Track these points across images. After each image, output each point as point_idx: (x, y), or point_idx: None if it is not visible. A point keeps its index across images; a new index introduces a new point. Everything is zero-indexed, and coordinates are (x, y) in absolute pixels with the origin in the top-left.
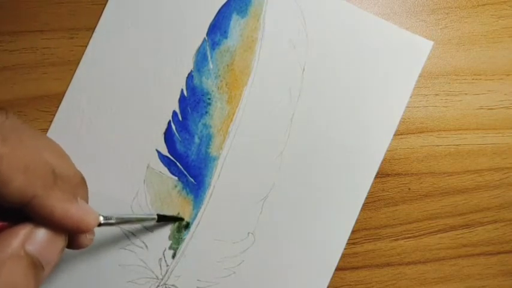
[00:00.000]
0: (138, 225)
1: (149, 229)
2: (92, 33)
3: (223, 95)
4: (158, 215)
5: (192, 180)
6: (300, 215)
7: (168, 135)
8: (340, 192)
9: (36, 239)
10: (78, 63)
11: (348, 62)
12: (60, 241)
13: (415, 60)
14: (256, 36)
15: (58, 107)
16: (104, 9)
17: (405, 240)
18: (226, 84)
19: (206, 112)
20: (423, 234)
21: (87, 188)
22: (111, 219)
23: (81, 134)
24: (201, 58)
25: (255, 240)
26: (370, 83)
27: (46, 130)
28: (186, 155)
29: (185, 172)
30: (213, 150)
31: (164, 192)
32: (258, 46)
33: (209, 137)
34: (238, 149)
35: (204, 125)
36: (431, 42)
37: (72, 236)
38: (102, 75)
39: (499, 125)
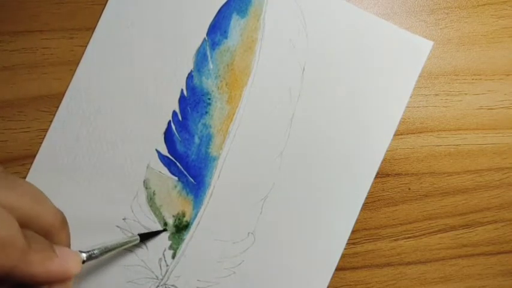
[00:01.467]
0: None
1: (148, 229)
2: (92, 33)
3: (223, 95)
4: (140, 235)
5: (192, 180)
6: (300, 215)
7: (168, 135)
8: (340, 192)
9: None
10: (78, 63)
11: (348, 62)
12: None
13: (415, 60)
14: (256, 36)
15: (58, 107)
16: (103, 9)
17: (405, 240)
18: (226, 84)
19: (206, 112)
20: (423, 234)
21: (67, 228)
22: (93, 251)
23: (81, 134)
24: (201, 58)
25: (255, 240)
26: (370, 83)
27: (46, 130)
28: (186, 155)
29: (185, 172)
30: (213, 150)
31: (164, 192)
32: (258, 46)
33: (209, 137)
34: (238, 149)
35: (204, 125)
36: (431, 42)
37: None
38: (102, 75)
39: (499, 125)
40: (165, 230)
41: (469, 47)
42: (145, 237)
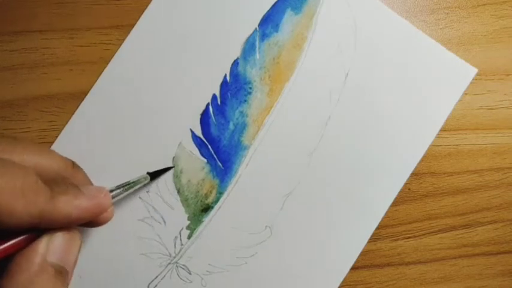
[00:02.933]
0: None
1: (170, 206)
2: (91, 32)
3: (265, 87)
4: (149, 173)
5: (220, 164)
6: (320, 217)
7: (204, 117)
8: (364, 201)
9: (55, 248)
10: (78, 63)
11: (392, 75)
12: (77, 240)
13: (457, 84)
14: (306, 34)
15: (58, 106)
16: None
17: (405, 240)
18: (269, 77)
19: (245, 101)
20: (423, 234)
21: (81, 169)
22: (115, 188)
23: (118, 102)
24: (249, 47)
25: (271, 234)
26: (409, 100)
27: (46, 130)
28: (219, 139)
29: (215, 156)
30: (245, 139)
31: (191, 172)
32: (307, 44)
33: (244, 126)
34: (270, 142)
35: (241, 113)
36: (475, 70)
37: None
38: (150, 47)
39: (499, 125)
40: (172, 167)
41: (469, 47)
42: (155, 175)
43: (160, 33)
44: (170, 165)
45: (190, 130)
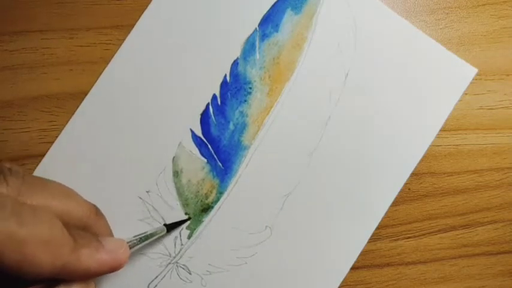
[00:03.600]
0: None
1: (170, 205)
2: (92, 32)
3: (265, 87)
4: (166, 225)
5: (220, 164)
6: (320, 217)
7: (204, 117)
8: (363, 202)
9: None
10: (78, 63)
11: (392, 75)
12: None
13: (457, 84)
14: (306, 34)
15: (58, 106)
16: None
17: (405, 240)
18: (269, 77)
19: (245, 101)
20: (423, 234)
21: (104, 217)
22: (133, 241)
23: (118, 103)
24: (249, 47)
25: (271, 234)
26: (409, 100)
27: (46, 130)
28: (219, 139)
29: (215, 156)
30: (245, 139)
31: (191, 171)
32: (307, 45)
33: (244, 126)
34: (269, 142)
35: (241, 113)
36: (475, 70)
37: None
38: (150, 46)
39: (499, 125)
40: (189, 219)
41: (469, 47)
42: (171, 227)
43: (160, 33)
44: (170, 165)
45: (190, 130)
